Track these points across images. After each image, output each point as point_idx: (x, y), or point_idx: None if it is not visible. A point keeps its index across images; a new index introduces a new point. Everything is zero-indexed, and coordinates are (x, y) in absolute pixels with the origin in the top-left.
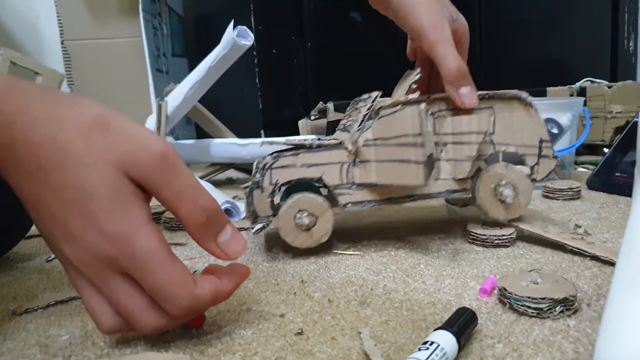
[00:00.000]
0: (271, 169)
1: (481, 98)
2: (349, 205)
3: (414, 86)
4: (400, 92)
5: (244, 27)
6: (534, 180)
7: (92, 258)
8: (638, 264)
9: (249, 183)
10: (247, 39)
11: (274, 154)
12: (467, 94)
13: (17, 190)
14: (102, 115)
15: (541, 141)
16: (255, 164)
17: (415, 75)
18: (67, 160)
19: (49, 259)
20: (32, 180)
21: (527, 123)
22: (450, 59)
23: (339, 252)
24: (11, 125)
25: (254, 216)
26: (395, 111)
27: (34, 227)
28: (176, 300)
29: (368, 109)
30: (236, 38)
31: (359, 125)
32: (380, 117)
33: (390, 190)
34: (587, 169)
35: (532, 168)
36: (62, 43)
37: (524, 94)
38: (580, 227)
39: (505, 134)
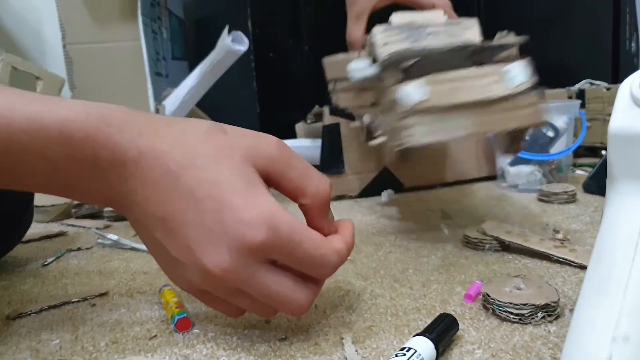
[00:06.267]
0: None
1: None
2: None
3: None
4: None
5: (239, 32)
6: None
7: (237, 254)
8: (605, 273)
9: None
10: (242, 44)
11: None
12: None
13: (144, 212)
14: (213, 122)
15: None
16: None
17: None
18: (196, 160)
19: (45, 263)
20: (161, 190)
21: None
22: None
23: None
24: (138, 139)
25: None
26: None
27: (30, 232)
28: (327, 260)
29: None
30: (231, 43)
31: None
32: None
33: None
34: (586, 171)
35: None
36: (64, 47)
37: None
38: (558, 232)
39: None
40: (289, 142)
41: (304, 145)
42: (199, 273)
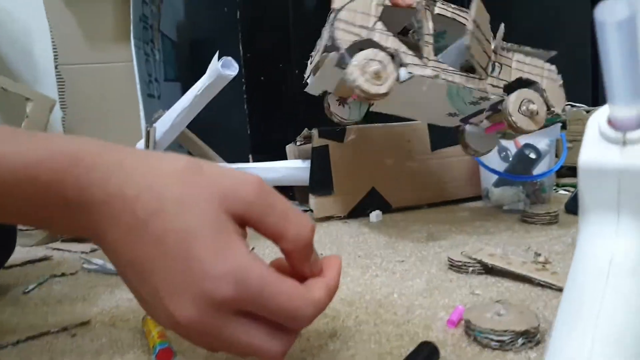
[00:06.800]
0: None
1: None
2: None
3: None
4: None
5: (229, 57)
6: None
7: (204, 307)
8: (579, 298)
9: None
10: (232, 69)
11: None
12: None
13: (114, 252)
14: (191, 160)
15: None
16: None
17: None
18: (165, 206)
19: (26, 290)
20: (129, 235)
21: None
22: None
23: None
24: (106, 181)
25: None
26: None
27: (13, 257)
28: (302, 313)
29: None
30: (221, 69)
31: None
32: None
33: None
34: (568, 191)
35: None
36: (56, 67)
37: None
38: (540, 254)
39: None
40: (280, 163)
41: (295, 167)
42: (168, 319)
